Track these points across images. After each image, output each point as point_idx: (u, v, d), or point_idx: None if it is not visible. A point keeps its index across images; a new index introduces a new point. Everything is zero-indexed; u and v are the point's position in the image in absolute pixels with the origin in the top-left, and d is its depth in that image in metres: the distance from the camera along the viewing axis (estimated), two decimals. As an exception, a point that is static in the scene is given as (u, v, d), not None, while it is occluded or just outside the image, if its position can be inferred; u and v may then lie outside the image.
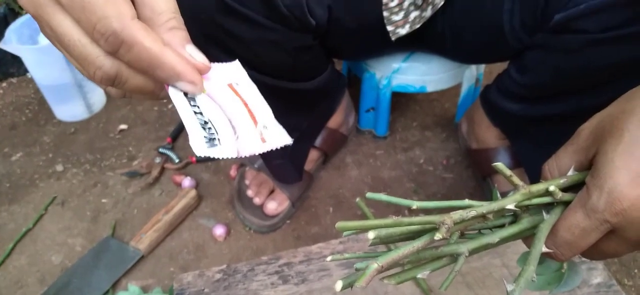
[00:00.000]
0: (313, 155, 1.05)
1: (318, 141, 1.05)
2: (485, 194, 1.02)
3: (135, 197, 1.07)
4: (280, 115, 0.43)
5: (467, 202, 0.38)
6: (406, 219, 0.37)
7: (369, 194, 0.39)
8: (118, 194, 1.08)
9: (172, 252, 0.97)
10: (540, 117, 0.85)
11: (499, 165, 0.40)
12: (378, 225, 0.36)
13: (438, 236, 0.35)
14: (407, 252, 0.36)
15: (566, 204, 0.38)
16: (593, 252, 0.38)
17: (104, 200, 1.07)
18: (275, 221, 0.99)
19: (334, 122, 1.06)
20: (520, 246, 0.44)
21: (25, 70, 1.41)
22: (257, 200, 1.00)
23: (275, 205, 0.99)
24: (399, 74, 1.01)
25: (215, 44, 0.70)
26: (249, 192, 1.01)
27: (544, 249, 0.38)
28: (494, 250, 0.62)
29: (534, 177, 0.93)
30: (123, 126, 1.24)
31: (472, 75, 1.06)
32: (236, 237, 0.99)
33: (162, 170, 1.12)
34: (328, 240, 0.69)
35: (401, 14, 0.80)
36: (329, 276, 0.64)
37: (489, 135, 1.00)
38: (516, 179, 0.39)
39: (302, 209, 1.03)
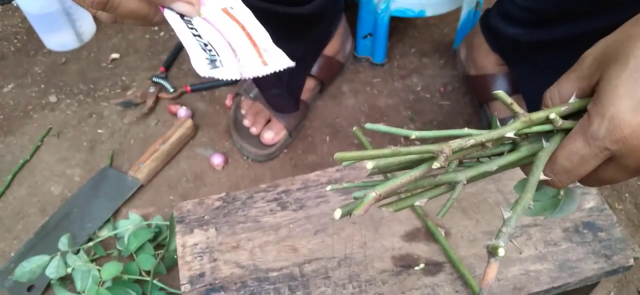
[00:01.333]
0: (309, 83, 1.04)
1: (314, 69, 1.03)
2: (482, 121, 1.02)
3: (131, 127, 1.07)
4: (276, 42, 0.42)
5: (466, 130, 0.38)
6: (404, 149, 0.37)
7: (368, 125, 0.39)
8: (114, 124, 1.08)
9: (171, 181, 0.98)
10: (541, 42, 0.84)
11: (500, 93, 0.39)
12: (376, 155, 0.36)
13: (436, 165, 0.35)
14: (405, 181, 0.36)
15: (566, 131, 0.38)
16: (590, 179, 0.38)
17: (100, 131, 1.06)
18: (272, 150, 0.99)
19: (330, 49, 1.04)
20: (515, 172, 0.45)
21: (11, -2, 1.36)
22: (254, 130, 1.00)
23: (272, 134, 0.99)
24: (398, -2, 0.99)
25: None
26: (246, 122, 1.01)
27: (542, 177, 0.38)
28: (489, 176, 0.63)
29: (532, 104, 0.93)
30: (115, 55, 1.21)
31: (472, -1, 1.04)
32: (234, 166, 1.00)
33: (157, 99, 1.11)
34: (325, 168, 0.69)
35: None
36: (327, 202, 0.65)
37: (487, 61, 0.99)
38: (516, 107, 0.38)
39: (299, 138, 1.04)
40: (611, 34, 0.36)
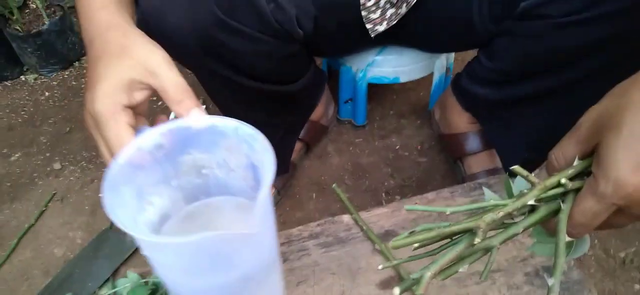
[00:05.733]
0: (296, 146, 1.11)
1: (301, 133, 1.11)
2: (457, 176, 1.10)
3: (130, 191, 1.13)
4: (270, 116, 0.49)
5: (492, 203, 0.44)
6: (448, 229, 0.43)
7: (407, 206, 0.46)
8: (114, 188, 1.14)
9: (167, 241, 1.03)
10: (508, 99, 0.90)
11: (516, 168, 0.45)
12: (424, 238, 0.43)
13: (477, 240, 0.41)
14: (452, 257, 0.42)
15: (576, 190, 0.44)
16: (602, 226, 0.44)
17: (101, 195, 1.13)
18: (262, 208, 1.05)
19: (315, 114, 1.12)
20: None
21: (19, 73, 1.46)
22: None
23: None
24: (374, 66, 1.08)
25: (211, 55, 0.75)
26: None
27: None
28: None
29: (505, 157, 1.00)
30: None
31: (442, 65, 1.13)
32: (226, 225, 1.06)
33: (155, 164, 1.18)
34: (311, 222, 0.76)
35: (378, 12, 0.86)
36: (308, 255, 0.72)
37: (460, 120, 1.05)
38: (533, 178, 0.45)
39: (287, 196, 1.11)
40: (601, 103, 0.43)
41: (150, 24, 0.68)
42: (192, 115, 0.49)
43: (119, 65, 0.49)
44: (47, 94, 1.42)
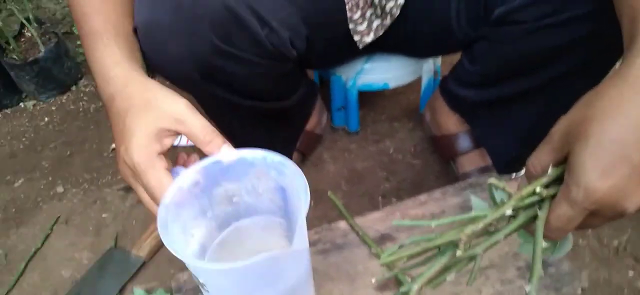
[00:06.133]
0: (293, 156, 1.14)
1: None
2: (450, 176, 1.12)
3: (132, 209, 1.16)
4: (268, 131, 0.51)
5: (473, 214, 0.47)
6: (431, 243, 0.46)
7: (395, 221, 0.50)
8: (117, 207, 1.17)
9: (171, 256, 1.04)
10: (492, 99, 0.93)
11: (492, 180, 0.49)
12: (412, 252, 0.46)
13: (460, 253, 0.45)
14: (438, 269, 0.46)
15: (552, 197, 0.47)
16: (578, 228, 0.47)
17: (104, 215, 1.16)
18: (262, 219, 1.08)
19: (309, 124, 1.15)
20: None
21: (18, 101, 1.49)
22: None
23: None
24: (363, 74, 1.11)
25: (210, 80, 0.78)
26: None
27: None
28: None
29: (495, 155, 1.03)
30: (115, 145, 1.32)
31: (430, 69, 1.16)
32: (228, 237, 1.09)
33: (155, 182, 1.21)
34: (309, 230, 0.78)
35: (365, 24, 0.89)
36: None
37: (449, 122, 1.08)
38: (509, 188, 0.48)
39: (285, 206, 1.13)
40: (570, 113, 0.46)
41: (150, 55, 0.70)
42: (222, 151, 0.55)
43: (146, 117, 0.54)
44: (46, 119, 1.45)
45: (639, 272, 0.96)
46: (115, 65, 0.59)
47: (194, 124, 0.55)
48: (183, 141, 0.57)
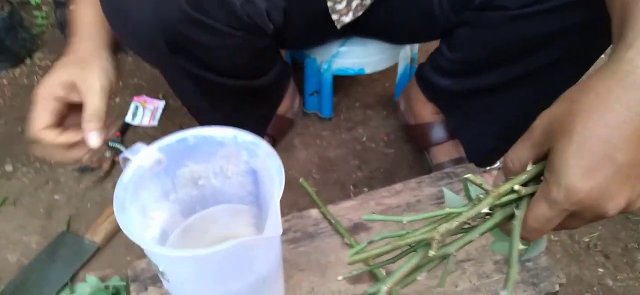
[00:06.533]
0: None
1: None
2: (424, 166, 1.10)
3: (87, 191, 1.09)
4: (237, 112, 0.48)
5: (447, 210, 0.44)
6: (403, 241, 0.43)
7: (365, 216, 0.46)
8: (70, 189, 1.10)
9: (128, 242, 0.99)
10: (470, 90, 0.92)
11: (469, 176, 0.45)
12: (382, 251, 0.42)
13: (432, 253, 0.41)
14: (408, 270, 0.42)
15: (530, 195, 0.44)
16: (556, 228, 0.44)
17: (56, 197, 1.08)
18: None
19: (281, 108, 1.11)
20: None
21: (-35, 71, 1.38)
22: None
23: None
24: (338, 58, 1.07)
25: (178, 51, 0.73)
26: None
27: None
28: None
29: (469, 147, 1.01)
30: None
31: (407, 56, 1.13)
32: (191, 223, 1.03)
33: (113, 163, 1.14)
34: (278, 218, 0.74)
35: (344, 3, 0.86)
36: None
37: (424, 111, 1.06)
38: (487, 185, 0.44)
39: (253, 192, 1.08)
40: (552, 108, 0.43)
41: (112, 21, 0.66)
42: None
43: (68, 68, 0.61)
44: (-4, 92, 1.35)
45: (609, 269, 0.97)
46: (87, 24, 0.67)
47: (92, 101, 0.59)
48: (144, 121, 0.52)
